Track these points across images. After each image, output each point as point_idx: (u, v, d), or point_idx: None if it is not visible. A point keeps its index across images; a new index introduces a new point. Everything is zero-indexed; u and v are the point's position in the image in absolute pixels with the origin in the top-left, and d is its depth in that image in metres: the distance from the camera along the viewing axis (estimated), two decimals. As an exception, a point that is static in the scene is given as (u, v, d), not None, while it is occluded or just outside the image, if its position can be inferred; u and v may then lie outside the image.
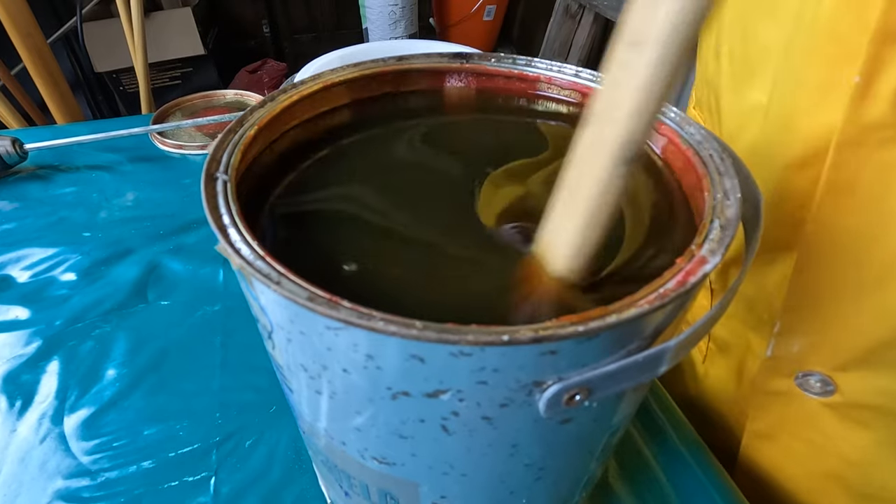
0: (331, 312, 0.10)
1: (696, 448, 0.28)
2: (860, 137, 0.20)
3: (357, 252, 0.15)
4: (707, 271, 0.11)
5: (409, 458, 0.13)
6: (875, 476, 0.25)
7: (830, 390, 0.24)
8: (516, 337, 0.10)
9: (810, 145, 0.21)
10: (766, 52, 0.24)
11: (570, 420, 0.13)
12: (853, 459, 0.25)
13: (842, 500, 0.27)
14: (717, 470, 0.27)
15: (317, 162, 0.18)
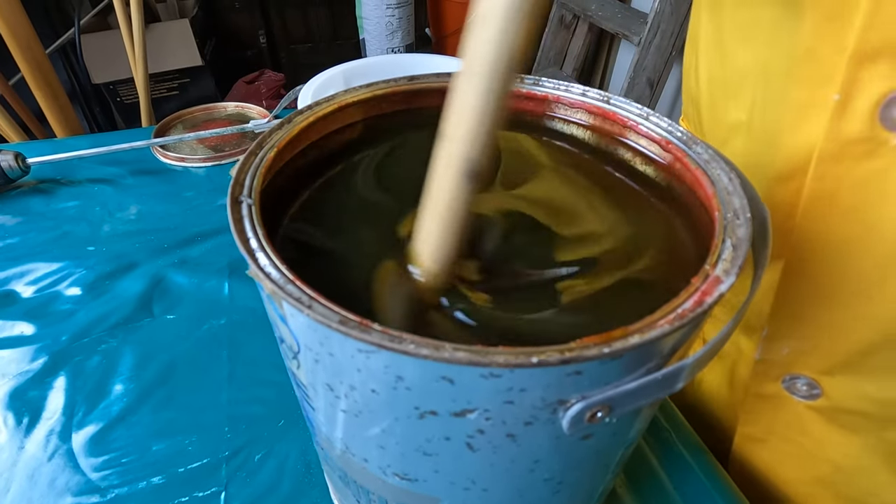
0: (363, 336, 0.10)
1: (701, 454, 0.28)
2: (840, 152, 0.20)
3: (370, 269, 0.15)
4: (723, 291, 0.12)
5: (432, 474, 0.14)
6: (862, 482, 0.26)
7: (817, 394, 0.25)
8: (545, 359, 0.10)
9: (793, 160, 0.22)
10: (744, 74, 0.25)
11: (591, 436, 0.13)
12: (841, 464, 0.26)
13: (830, 497, 0.27)
14: (721, 475, 0.27)
15: (331, 182, 0.19)
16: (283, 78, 1.34)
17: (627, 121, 0.19)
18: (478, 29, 0.11)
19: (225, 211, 0.46)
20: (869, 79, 0.19)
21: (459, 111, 0.12)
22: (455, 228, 0.13)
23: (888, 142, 0.19)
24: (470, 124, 0.12)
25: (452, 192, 0.13)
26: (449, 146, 0.12)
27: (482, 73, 0.11)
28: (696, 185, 0.16)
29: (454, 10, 1.29)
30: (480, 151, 0.12)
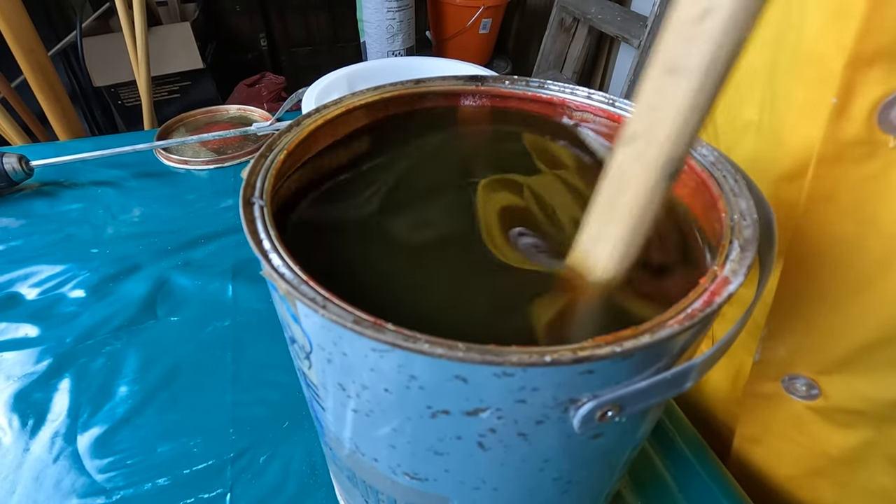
0: (377, 335, 0.10)
1: (705, 456, 0.28)
2: (838, 153, 0.21)
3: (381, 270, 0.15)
4: (732, 291, 0.12)
5: (443, 473, 0.14)
6: (861, 474, 0.26)
7: (815, 394, 0.25)
8: (558, 358, 0.10)
9: (796, 159, 0.23)
10: (754, 74, 0.25)
11: (601, 435, 0.13)
12: (839, 458, 0.26)
13: (829, 494, 0.27)
14: (725, 477, 0.28)
15: (340, 183, 0.19)
16: (283, 81, 1.34)
17: (633, 123, 0.19)
18: (696, 23, 0.10)
19: (228, 213, 0.46)
20: (866, 82, 0.19)
21: (670, 110, 0.11)
22: (646, 231, 0.13)
23: (886, 144, 0.20)
24: (677, 125, 0.11)
25: (652, 195, 0.12)
26: (646, 147, 0.12)
27: (699, 70, 0.10)
28: (701, 186, 0.16)
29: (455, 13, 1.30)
30: (685, 151, 0.12)
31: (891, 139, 0.20)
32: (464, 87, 0.22)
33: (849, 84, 0.20)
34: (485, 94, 0.22)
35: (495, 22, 1.34)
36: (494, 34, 1.39)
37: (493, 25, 1.34)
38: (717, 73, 0.10)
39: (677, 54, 0.10)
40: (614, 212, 0.13)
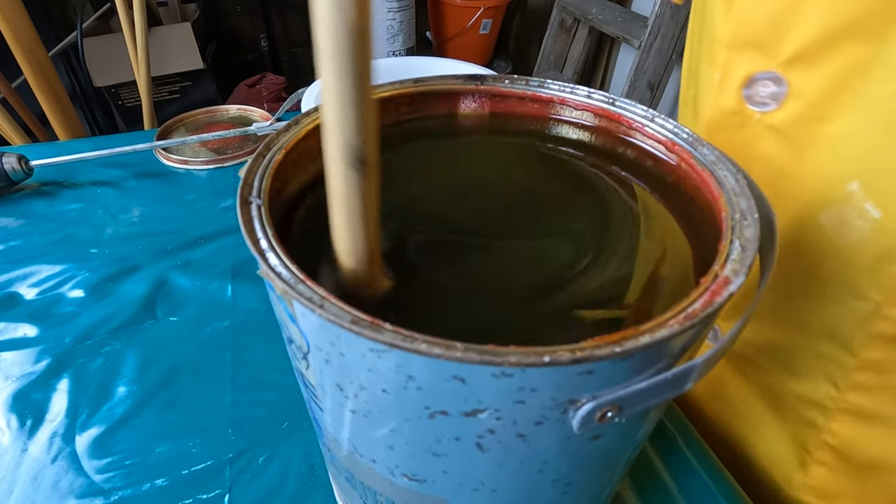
0: (375, 335, 0.10)
1: (705, 457, 0.28)
2: (720, 122, 0.25)
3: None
4: (732, 291, 0.12)
5: (441, 475, 0.14)
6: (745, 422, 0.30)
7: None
8: (556, 358, 0.10)
9: (704, 127, 0.27)
10: (690, 58, 0.30)
11: (600, 436, 0.13)
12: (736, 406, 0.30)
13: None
14: (726, 478, 0.27)
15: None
16: (284, 81, 1.34)
17: (633, 122, 0.19)
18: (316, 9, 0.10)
19: (228, 213, 0.46)
20: (737, 63, 0.24)
21: (326, 99, 0.11)
22: (356, 221, 0.13)
23: (753, 116, 0.24)
24: (340, 110, 0.11)
25: (345, 184, 0.12)
26: (331, 137, 0.12)
27: (331, 54, 0.10)
28: (702, 186, 0.16)
29: (455, 13, 1.30)
30: (359, 137, 0.11)
31: (756, 112, 0.24)
32: (463, 87, 0.22)
33: (726, 64, 0.24)
34: (484, 93, 0.22)
35: (496, 22, 1.34)
36: (495, 35, 1.39)
37: (494, 26, 1.34)
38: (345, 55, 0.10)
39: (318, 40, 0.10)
40: (335, 209, 0.13)
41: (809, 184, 0.22)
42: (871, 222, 0.21)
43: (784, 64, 0.22)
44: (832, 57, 0.21)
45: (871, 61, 0.20)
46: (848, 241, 0.22)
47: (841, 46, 0.20)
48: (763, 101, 0.23)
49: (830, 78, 0.21)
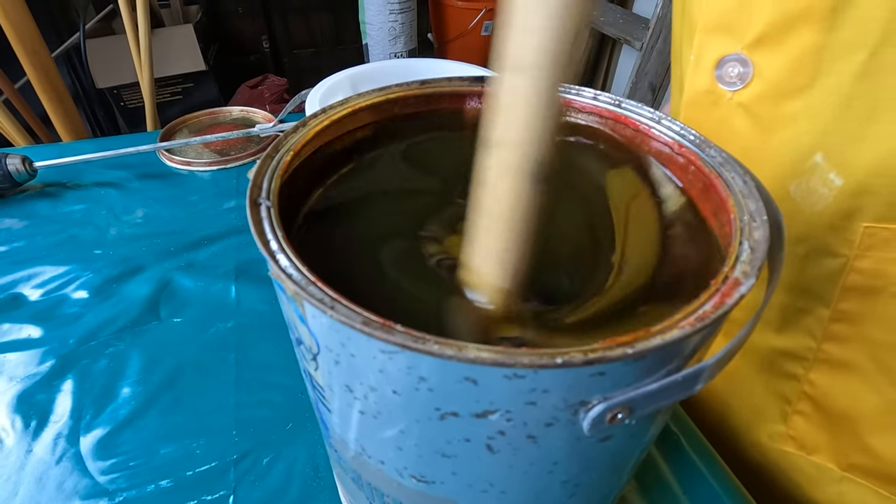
0: (386, 336, 0.10)
1: (710, 459, 0.28)
2: (696, 100, 0.27)
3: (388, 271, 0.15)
4: (743, 293, 0.12)
5: (450, 476, 0.14)
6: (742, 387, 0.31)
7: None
8: (569, 359, 0.10)
9: (685, 105, 0.29)
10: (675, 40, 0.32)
11: (610, 437, 0.13)
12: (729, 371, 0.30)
13: None
14: (730, 480, 0.27)
15: (347, 184, 0.19)
16: (286, 82, 1.35)
17: (640, 124, 0.19)
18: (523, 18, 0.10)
19: (231, 214, 0.46)
20: (710, 45, 0.26)
21: (514, 112, 0.11)
22: (525, 238, 0.12)
23: (724, 95, 0.26)
24: (537, 128, 0.11)
25: (525, 200, 0.12)
26: (504, 152, 0.11)
27: (539, 67, 0.10)
28: (710, 187, 0.16)
29: (457, 15, 1.30)
30: (546, 152, 0.11)
31: (727, 92, 0.26)
32: (469, 88, 0.22)
33: (700, 45, 0.26)
34: (490, 95, 0.22)
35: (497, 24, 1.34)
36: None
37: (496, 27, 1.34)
38: (556, 65, 0.10)
39: (518, 50, 0.10)
40: (491, 220, 0.12)
41: (778, 157, 0.25)
42: (835, 190, 0.23)
43: (749, 46, 0.24)
44: (789, 40, 0.23)
45: (823, 45, 0.22)
46: (815, 207, 0.24)
47: (796, 31, 0.22)
48: (732, 81, 0.25)
49: (789, 59, 0.23)
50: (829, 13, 0.21)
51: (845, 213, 0.23)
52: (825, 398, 0.27)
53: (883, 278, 0.23)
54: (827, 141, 0.23)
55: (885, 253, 0.23)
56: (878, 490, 0.27)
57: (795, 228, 0.25)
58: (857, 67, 0.21)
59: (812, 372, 0.27)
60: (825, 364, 0.27)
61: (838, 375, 0.26)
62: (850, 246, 0.24)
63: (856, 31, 0.21)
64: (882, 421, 0.26)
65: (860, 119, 0.22)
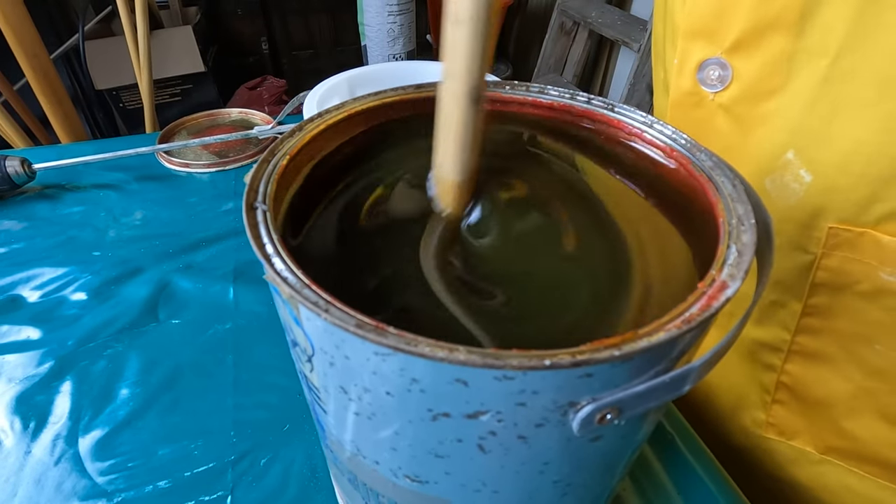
0: (379, 339, 0.11)
1: (705, 459, 0.28)
2: (680, 101, 0.29)
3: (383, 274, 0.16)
4: (729, 296, 0.12)
5: (443, 476, 0.14)
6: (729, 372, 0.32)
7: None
8: (557, 361, 0.10)
9: (671, 105, 0.30)
10: (657, 41, 0.34)
11: (600, 438, 0.13)
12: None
13: None
14: (725, 480, 0.28)
15: (342, 188, 0.19)
16: (284, 84, 1.35)
17: (632, 128, 0.20)
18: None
19: (229, 216, 0.46)
20: (692, 49, 0.27)
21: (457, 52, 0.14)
22: (473, 144, 0.16)
23: (706, 97, 0.27)
24: (467, 61, 0.14)
25: (465, 116, 0.15)
26: (452, 82, 0.15)
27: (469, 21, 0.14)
28: (700, 191, 0.17)
29: (455, 17, 1.30)
30: (480, 81, 0.15)
31: (709, 94, 0.27)
32: (464, 92, 0.22)
33: (683, 49, 0.27)
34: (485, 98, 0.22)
35: (496, 25, 1.35)
36: (495, 38, 1.40)
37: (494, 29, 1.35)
38: (483, 20, 0.14)
39: (456, 7, 0.14)
40: (447, 135, 0.16)
41: (755, 154, 0.26)
42: (805, 185, 0.25)
43: (728, 51, 0.26)
44: (763, 46, 0.24)
45: (793, 50, 0.23)
46: (788, 202, 0.26)
47: (769, 37, 0.24)
48: (713, 84, 0.27)
49: (763, 63, 0.24)
50: (797, 21, 0.23)
51: (813, 211, 0.25)
52: (801, 387, 0.29)
53: (847, 276, 0.25)
54: (797, 139, 0.24)
55: (848, 253, 0.25)
56: (854, 470, 0.29)
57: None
58: (821, 72, 0.23)
59: (788, 363, 0.29)
60: (799, 355, 0.28)
61: (812, 366, 0.28)
62: (817, 244, 0.25)
63: (819, 39, 0.22)
64: (854, 405, 0.27)
65: (824, 120, 0.23)
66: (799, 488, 0.31)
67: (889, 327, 0.25)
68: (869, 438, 0.27)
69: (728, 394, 0.33)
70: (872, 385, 0.26)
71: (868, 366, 0.26)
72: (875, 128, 0.22)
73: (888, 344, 0.25)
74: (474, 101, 0.15)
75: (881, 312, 0.25)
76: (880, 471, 0.28)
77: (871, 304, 0.25)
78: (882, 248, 0.23)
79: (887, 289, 0.24)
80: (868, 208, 0.24)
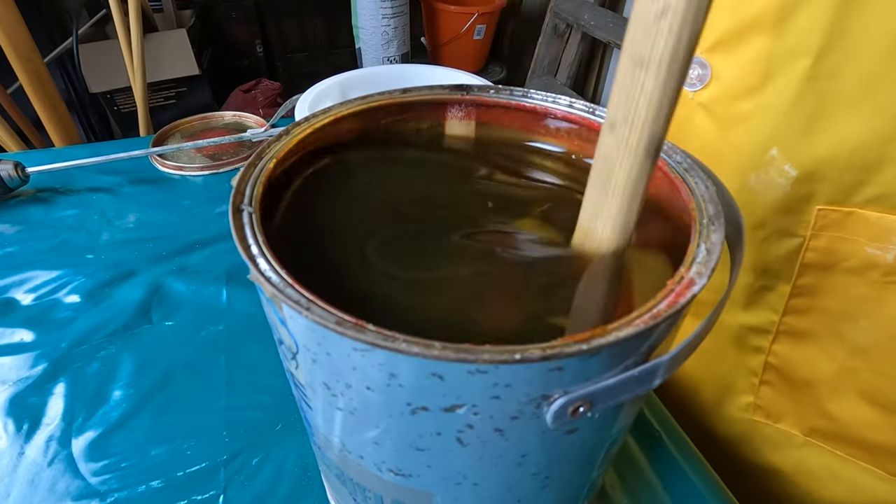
0: (358, 336, 0.11)
1: (691, 455, 0.29)
2: None
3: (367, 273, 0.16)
4: (695, 293, 0.12)
5: (425, 469, 0.14)
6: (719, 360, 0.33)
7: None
8: (527, 355, 0.11)
9: None
10: None
11: (575, 430, 0.14)
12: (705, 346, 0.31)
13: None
14: (711, 476, 0.28)
15: (328, 190, 0.20)
16: (279, 87, 1.35)
17: (611, 131, 0.20)
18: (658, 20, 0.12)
19: (223, 219, 0.46)
20: None
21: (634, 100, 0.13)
22: (639, 204, 0.15)
23: (686, 95, 0.28)
24: (653, 111, 0.13)
25: (639, 172, 0.14)
26: (628, 133, 0.13)
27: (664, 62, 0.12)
28: (675, 192, 0.17)
29: (449, 19, 1.31)
30: (663, 132, 0.13)
31: (689, 92, 0.27)
32: (449, 97, 0.22)
33: None
34: (470, 103, 0.23)
35: (490, 28, 1.35)
36: (489, 40, 1.40)
37: (488, 31, 1.36)
38: (680, 62, 0.12)
39: (643, 48, 0.12)
40: (608, 190, 0.15)
41: (736, 151, 0.27)
42: (791, 179, 0.26)
43: (708, 50, 0.26)
44: (741, 46, 0.25)
45: (771, 51, 0.24)
46: (775, 195, 0.26)
47: (747, 38, 0.24)
48: (692, 82, 0.27)
49: (741, 63, 0.25)
50: (775, 23, 0.23)
51: (801, 198, 0.26)
52: (787, 367, 0.30)
53: (835, 255, 0.26)
54: (780, 136, 0.25)
55: (836, 232, 0.26)
56: (836, 452, 0.30)
57: (754, 216, 0.27)
58: (803, 71, 0.23)
59: (775, 343, 0.30)
60: (786, 335, 0.30)
61: (798, 345, 0.29)
62: (805, 227, 0.26)
63: (799, 39, 0.23)
64: (836, 386, 0.29)
65: (809, 117, 0.24)
66: (783, 475, 0.33)
67: (873, 301, 0.26)
68: (850, 420, 0.28)
69: (714, 384, 0.34)
70: (855, 364, 0.28)
71: (851, 343, 0.27)
72: (860, 122, 0.23)
73: (872, 319, 0.26)
74: (650, 154, 0.14)
75: (866, 287, 0.26)
76: (860, 453, 0.29)
77: (858, 278, 0.26)
78: (870, 225, 0.24)
79: (873, 262, 0.25)
80: (855, 192, 0.24)
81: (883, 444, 0.28)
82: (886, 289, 0.25)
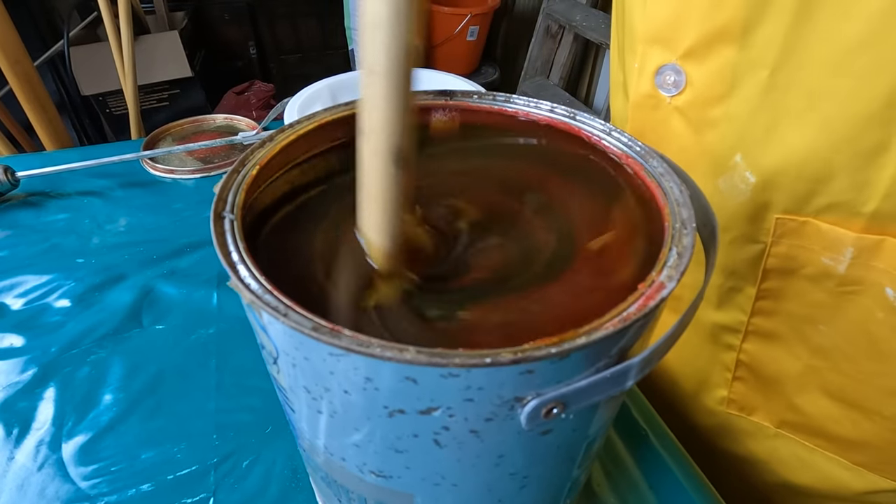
0: (333, 341, 0.11)
1: (677, 454, 0.29)
2: (640, 103, 0.31)
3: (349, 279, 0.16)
4: (665, 296, 0.13)
5: (405, 470, 0.15)
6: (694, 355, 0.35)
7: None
8: (497, 359, 0.11)
9: (632, 107, 0.32)
10: (615, 48, 0.36)
11: (550, 431, 0.14)
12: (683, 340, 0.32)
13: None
14: (697, 475, 0.29)
15: (312, 196, 0.20)
16: (272, 88, 1.35)
17: (591, 136, 0.20)
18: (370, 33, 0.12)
19: (213, 223, 0.45)
20: (650, 55, 0.29)
21: (374, 106, 0.13)
22: (397, 209, 0.15)
23: (664, 100, 0.29)
24: (387, 115, 0.13)
25: (386, 179, 0.14)
26: (374, 139, 0.14)
27: (385, 73, 0.12)
28: (650, 196, 0.17)
29: (442, 21, 1.31)
30: (403, 138, 0.13)
31: (665, 97, 0.29)
32: (433, 102, 0.23)
33: (643, 55, 0.29)
34: (454, 108, 0.23)
35: (483, 29, 1.36)
36: (482, 41, 1.40)
37: (481, 33, 1.36)
38: (400, 70, 0.12)
39: (371, 56, 0.12)
40: (369, 195, 0.15)
41: (708, 156, 0.28)
42: (751, 186, 0.27)
43: (682, 58, 0.27)
44: (711, 55, 0.26)
45: (737, 61, 0.25)
46: (738, 200, 0.28)
47: (716, 47, 0.25)
48: (669, 88, 0.28)
49: (711, 71, 0.26)
50: (741, 34, 0.24)
51: (760, 205, 0.27)
52: (757, 364, 0.32)
53: (795, 261, 0.27)
54: (743, 144, 0.26)
55: (794, 240, 0.27)
56: (804, 443, 0.32)
57: (722, 219, 0.29)
58: (762, 82, 0.25)
59: (745, 342, 0.31)
60: (755, 335, 0.31)
61: (766, 345, 0.31)
62: (766, 234, 0.27)
63: (761, 51, 0.24)
64: (803, 382, 0.30)
65: (766, 127, 0.25)
66: (757, 462, 0.34)
67: (830, 308, 0.27)
68: (815, 413, 0.30)
69: (692, 377, 0.36)
70: (817, 363, 0.29)
71: (813, 345, 0.29)
72: (808, 134, 0.24)
73: (830, 324, 0.27)
74: (396, 162, 0.14)
75: (823, 294, 0.27)
76: (826, 443, 0.30)
77: (815, 286, 0.27)
78: (822, 235, 0.26)
79: (827, 272, 0.26)
80: (808, 202, 0.26)
81: (845, 437, 0.29)
82: (841, 297, 0.26)
